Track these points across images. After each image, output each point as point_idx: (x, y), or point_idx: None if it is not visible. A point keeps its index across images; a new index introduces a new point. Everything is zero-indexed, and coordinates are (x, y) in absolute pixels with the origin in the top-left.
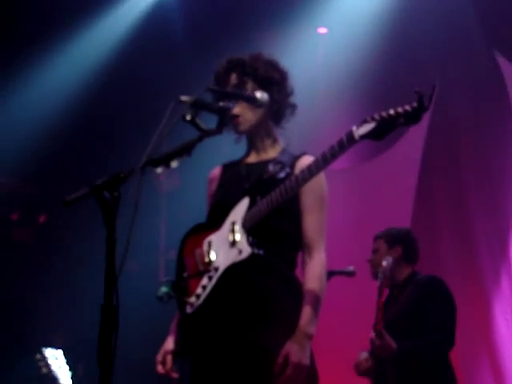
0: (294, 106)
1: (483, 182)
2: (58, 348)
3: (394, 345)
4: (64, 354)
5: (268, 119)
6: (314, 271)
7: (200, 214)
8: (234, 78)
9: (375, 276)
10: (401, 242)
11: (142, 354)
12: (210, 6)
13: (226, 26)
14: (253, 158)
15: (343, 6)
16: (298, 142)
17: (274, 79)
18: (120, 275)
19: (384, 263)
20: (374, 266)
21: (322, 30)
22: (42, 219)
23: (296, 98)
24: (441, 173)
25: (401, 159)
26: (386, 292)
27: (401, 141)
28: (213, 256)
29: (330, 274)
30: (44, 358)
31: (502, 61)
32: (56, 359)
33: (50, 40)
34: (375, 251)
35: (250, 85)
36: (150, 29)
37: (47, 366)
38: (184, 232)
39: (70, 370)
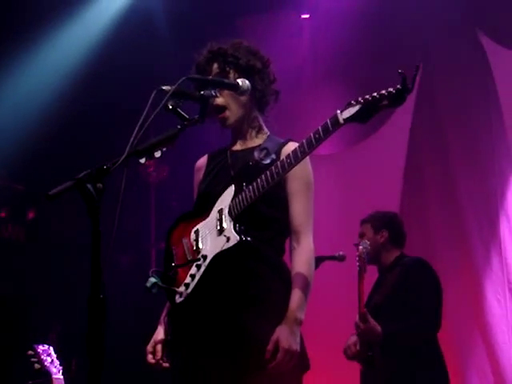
0: (276, 93)
1: (471, 163)
2: (51, 344)
3: (378, 328)
4: (58, 349)
5: (252, 108)
6: (302, 257)
7: (190, 203)
8: (215, 67)
9: None
10: (387, 226)
11: (133, 345)
12: None
13: (209, 12)
14: (238, 146)
15: None
16: (284, 127)
17: (256, 67)
18: (110, 267)
19: (360, 247)
20: None
21: (306, 16)
22: (31, 215)
23: (282, 83)
24: (428, 154)
25: (387, 142)
26: (366, 276)
27: (387, 124)
28: (200, 244)
29: (321, 259)
30: (36, 354)
31: (485, 40)
32: (48, 355)
33: (30, 37)
34: (362, 235)
35: (232, 74)
36: (132, 18)
37: (40, 361)
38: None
39: (62, 365)
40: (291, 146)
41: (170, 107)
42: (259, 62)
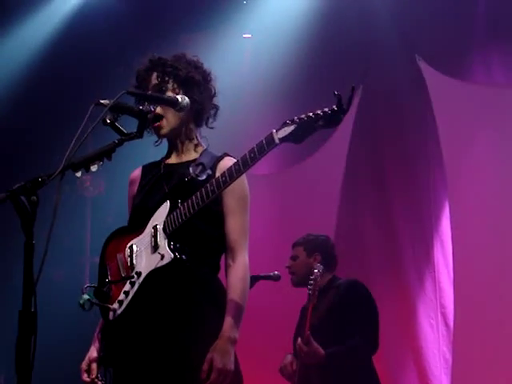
0: (216, 108)
1: (406, 186)
2: None
3: (321, 351)
4: None
5: (189, 120)
6: (237, 274)
7: (126, 217)
8: (154, 77)
9: (295, 283)
10: (319, 249)
11: (65, 361)
12: (137, 7)
13: (153, 28)
14: (173, 159)
15: (267, 12)
16: (222, 143)
17: (195, 80)
18: (42, 281)
19: (315, 270)
20: (293, 272)
21: (247, 35)
22: None
23: (222, 100)
24: (365, 177)
25: (325, 164)
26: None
27: (325, 146)
28: (135, 261)
29: (256, 278)
30: None
31: (422, 65)
32: None
33: None
34: (294, 258)
35: (170, 84)
36: (75, 31)
37: None
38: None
39: None
40: (227, 161)
41: (108, 121)
42: (199, 75)
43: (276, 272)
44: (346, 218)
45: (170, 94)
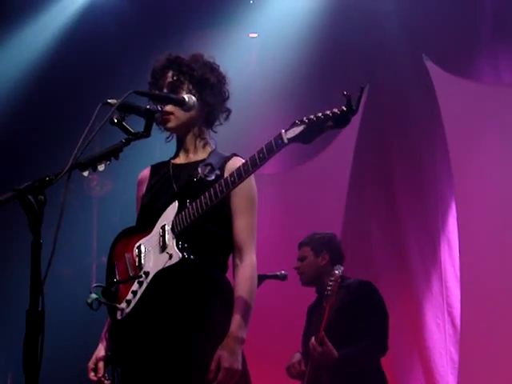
0: (228, 111)
1: (413, 186)
2: None
3: (335, 352)
4: None
5: (200, 121)
6: (244, 274)
7: (132, 217)
8: (170, 75)
9: (304, 283)
10: (327, 248)
11: (74, 361)
12: (143, 7)
13: (160, 27)
14: (182, 159)
15: (274, 12)
16: (229, 142)
17: (210, 81)
18: (50, 280)
19: (336, 272)
20: (302, 273)
21: (254, 35)
22: None
23: (230, 100)
24: (372, 177)
25: (332, 164)
26: (332, 300)
27: (332, 145)
28: (143, 261)
29: (263, 277)
30: None
31: (429, 64)
32: None
33: None
34: (302, 259)
35: (185, 84)
36: (82, 30)
37: None
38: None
39: None
40: (236, 162)
41: (116, 121)
42: (214, 77)
43: (283, 271)
44: (353, 218)
45: (183, 93)
